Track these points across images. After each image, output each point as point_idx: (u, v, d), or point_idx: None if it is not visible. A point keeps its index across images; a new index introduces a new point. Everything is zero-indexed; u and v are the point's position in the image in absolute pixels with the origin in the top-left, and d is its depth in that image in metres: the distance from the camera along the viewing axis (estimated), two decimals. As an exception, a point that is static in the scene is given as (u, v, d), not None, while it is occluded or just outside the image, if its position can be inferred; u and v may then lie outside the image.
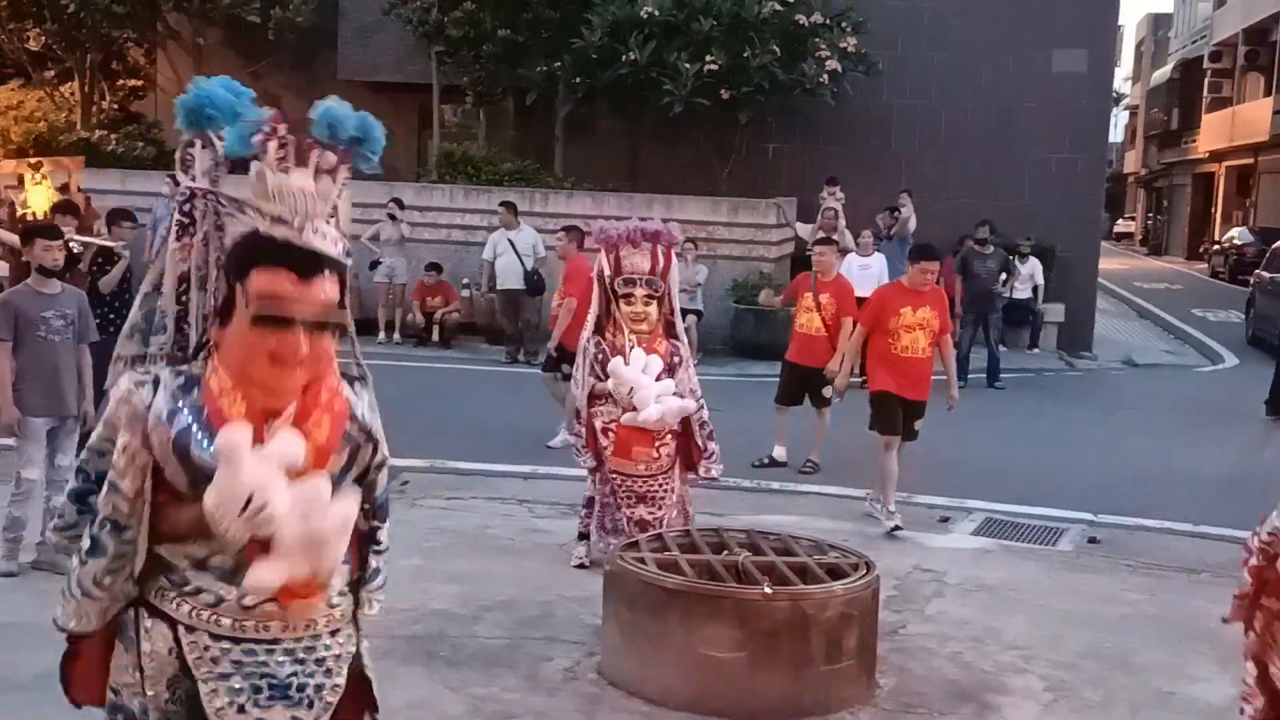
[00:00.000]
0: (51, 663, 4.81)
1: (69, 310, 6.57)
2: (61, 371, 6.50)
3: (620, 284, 6.46)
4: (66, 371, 6.53)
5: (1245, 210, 41.66)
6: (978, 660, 5.93)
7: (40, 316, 6.45)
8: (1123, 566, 7.65)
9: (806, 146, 18.55)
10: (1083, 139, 18.60)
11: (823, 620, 5.16)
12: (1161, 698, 5.61)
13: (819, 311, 9.79)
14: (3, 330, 6.38)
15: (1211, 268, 36.19)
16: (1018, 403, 13.88)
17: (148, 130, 19.95)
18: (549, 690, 5.33)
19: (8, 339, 6.37)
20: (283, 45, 20.45)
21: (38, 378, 6.44)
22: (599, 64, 16.64)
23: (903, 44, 18.28)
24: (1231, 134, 40.38)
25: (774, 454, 9.86)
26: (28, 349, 6.41)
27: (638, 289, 6.42)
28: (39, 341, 6.44)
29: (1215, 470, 10.68)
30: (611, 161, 18.64)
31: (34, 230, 6.79)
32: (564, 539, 7.45)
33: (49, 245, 6.50)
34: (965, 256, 15.12)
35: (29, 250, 6.57)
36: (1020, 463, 10.67)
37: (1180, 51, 50.83)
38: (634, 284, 6.42)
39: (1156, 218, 55.33)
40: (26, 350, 6.41)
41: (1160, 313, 24.65)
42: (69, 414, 6.57)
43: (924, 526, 8.37)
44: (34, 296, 6.51)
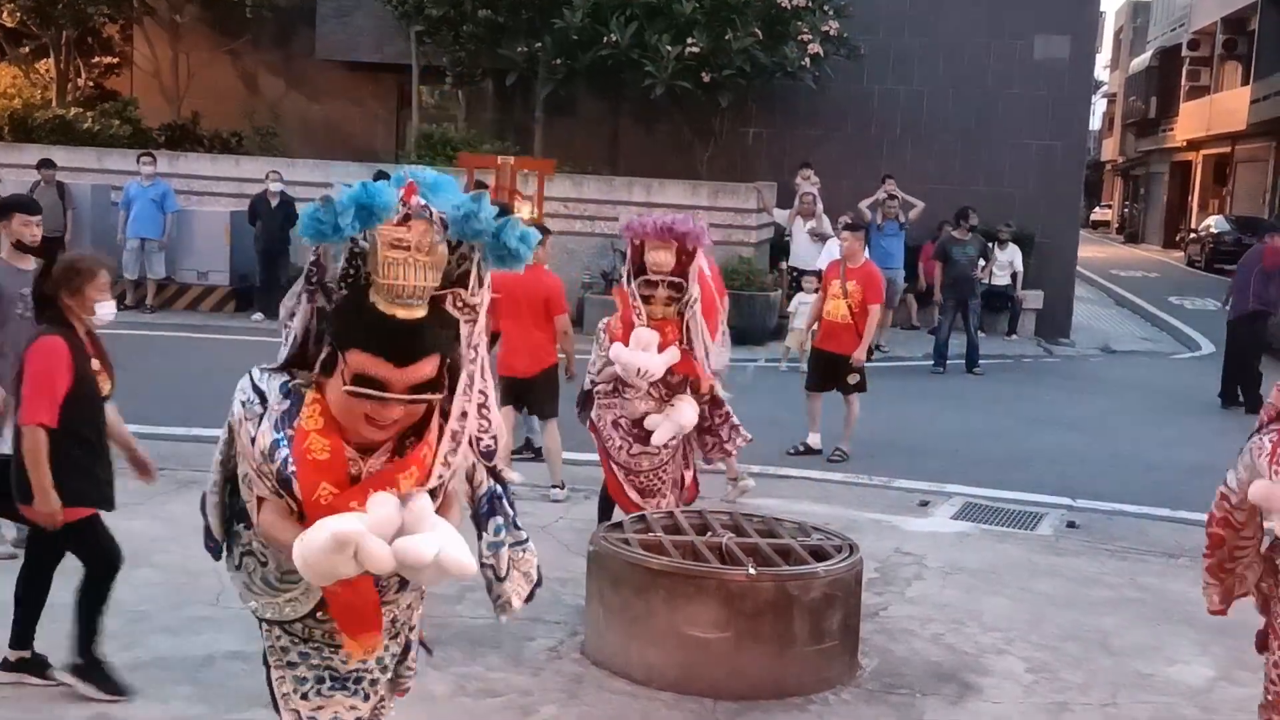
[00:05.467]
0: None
1: None
2: None
3: (642, 284, 6.18)
4: None
5: (1222, 199, 41.89)
6: (959, 642, 5.96)
7: (19, 293, 6.27)
8: (1101, 550, 7.70)
9: (787, 131, 18.55)
10: (1063, 126, 18.64)
11: (806, 601, 5.17)
12: (1141, 679, 5.64)
13: (845, 298, 9.75)
14: None
15: (1188, 256, 36.38)
16: (996, 389, 13.93)
17: (124, 108, 19.75)
18: (533, 670, 5.33)
19: None
20: (260, 23, 20.29)
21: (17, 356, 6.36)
22: (580, 45, 16.57)
23: (884, 28, 18.27)
24: (1209, 123, 40.55)
25: (808, 440, 9.88)
26: (8, 326, 6.26)
27: (659, 290, 6.16)
28: (16, 318, 6.27)
29: (1192, 455, 10.74)
30: (591, 144, 18.58)
31: (12, 204, 6.59)
32: (546, 521, 7.44)
33: (28, 220, 6.35)
34: (944, 243, 15.15)
35: (6, 225, 6.41)
36: (999, 448, 10.71)
37: (1159, 39, 50.97)
38: (656, 285, 6.16)
39: (1133, 206, 55.57)
40: (5, 327, 6.26)
41: (1138, 300, 24.77)
42: None
43: (904, 510, 8.39)
44: (13, 273, 6.35)
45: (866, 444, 9.82)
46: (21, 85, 20.97)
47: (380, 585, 2.99)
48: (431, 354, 2.77)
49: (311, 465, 2.81)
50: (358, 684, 3.12)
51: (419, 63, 18.81)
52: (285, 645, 3.09)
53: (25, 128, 18.59)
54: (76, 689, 4.84)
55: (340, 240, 2.76)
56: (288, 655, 3.08)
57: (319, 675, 3.08)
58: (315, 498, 2.80)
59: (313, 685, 3.08)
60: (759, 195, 16.53)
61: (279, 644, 3.09)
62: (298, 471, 2.81)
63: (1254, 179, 38.42)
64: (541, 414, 8.30)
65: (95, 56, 21.89)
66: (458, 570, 2.76)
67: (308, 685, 3.08)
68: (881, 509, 8.35)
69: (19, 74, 21.12)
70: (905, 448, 10.21)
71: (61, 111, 19.02)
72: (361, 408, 2.76)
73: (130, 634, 5.45)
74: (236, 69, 21.43)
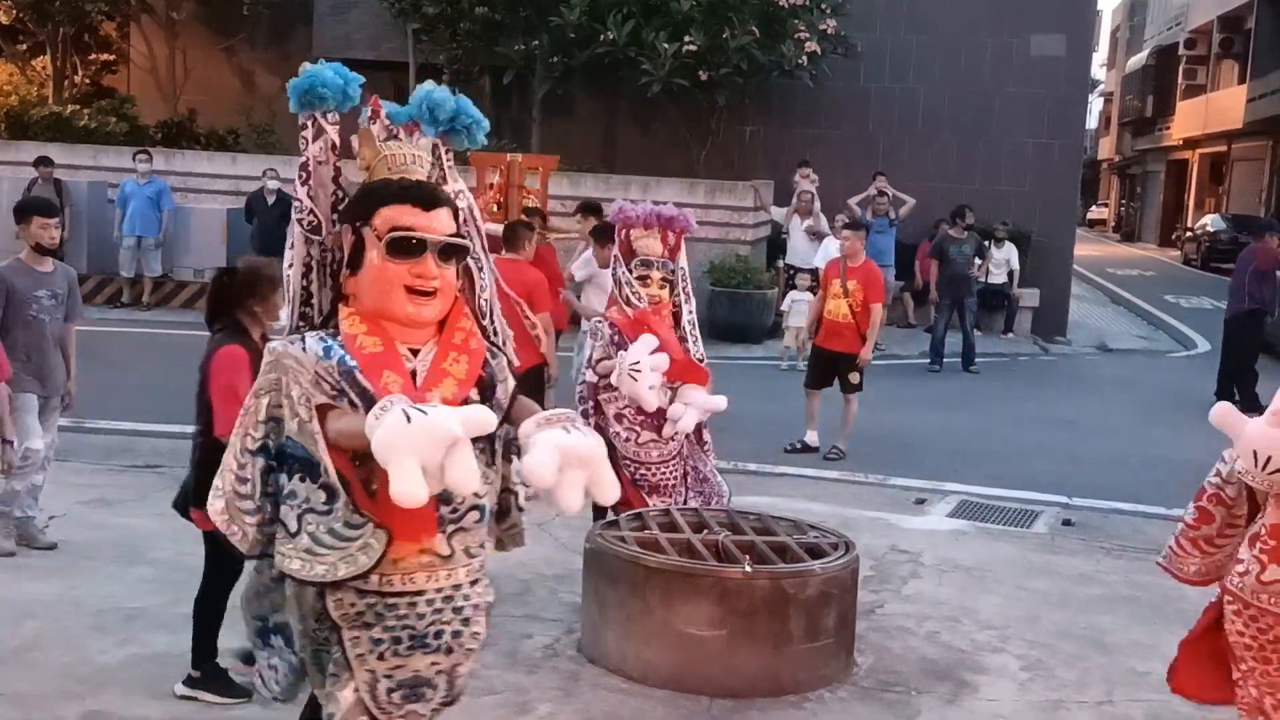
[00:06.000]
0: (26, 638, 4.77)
1: (60, 289, 6.45)
2: (50, 350, 6.41)
3: (637, 265, 6.36)
4: (55, 350, 6.44)
5: (1218, 197, 41.93)
6: (954, 639, 5.97)
7: (33, 295, 6.33)
8: (1097, 548, 7.70)
9: (783, 129, 18.55)
10: (1060, 124, 18.65)
11: (802, 599, 5.17)
12: (1136, 677, 5.65)
13: (846, 297, 9.77)
14: None
15: (1184, 255, 36.43)
16: (992, 387, 13.95)
17: (120, 105, 19.73)
18: (529, 667, 5.33)
19: None
20: (257, 20, 20.28)
21: (28, 354, 6.31)
22: (577, 43, 16.57)
23: (881, 27, 18.28)
24: (1205, 121, 40.59)
25: (806, 438, 9.89)
26: (20, 327, 6.28)
27: (653, 271, 6.35)
28: (30, 319, 6.32)
29: (1188, 454, 10.71)
30: (588, 142, 18.58)
31: (30, 207, 6.59)
32: (541, 518, 7.43)
33: (45, 223, 6.37)
34: (941, 241, 15.17)
35: (25, 228, 6.41)
36: (995, 446, 10.72)
37: (1155, 38, 51.00)
38: (650, 265, 6.35)
39: (1130, 204, 55.62)
40: (18, 328, 6.28)
41: (1134, 299, 24.79)
42: (55, 393, 6.49)
43: (900, 508, 8.40)
44: (28, 274, 6.37)
45: (863, 442, 9.83)
46: (18, 82, 20.95)
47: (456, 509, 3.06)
48: (447, 205, 3.10)
49: (369, 358, 2.94)
50: (438, 638, 3.07)
51: (416, 60, 18.79)
52: (361, 608, 3.01)
53: (21, 125, 18.58)
54: (201, 699, 4.80)
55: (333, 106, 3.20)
56: (363, 616, 3.01)
57: (396, 635, 3.02)
58: (383, 384, 2.90)
59: (389, 645, 3.02)
60: (756, 193, 16.53)
61: (352, 608, 3.01)
62: (360, 364, 2.93)
63: (1250, 178, 38.47)
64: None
65: (92, 54, 21.86)
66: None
67: (384, 645, 3.02)
68: (877, 507, 8.35)
69: (15, 71, 21.10)
70: (901, 446, 10.22)
71: (58, 109, 19.01)
72: (401, 276, 2.96)
73: (127, 631, 5.45)
74: (233, 66, 21.42)
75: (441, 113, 3.21)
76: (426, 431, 2.68)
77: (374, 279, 2.99)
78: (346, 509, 2.92)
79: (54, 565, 6.23)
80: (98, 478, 7.63)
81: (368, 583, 2.98)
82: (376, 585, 2.99)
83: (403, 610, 3.02)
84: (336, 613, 3.02)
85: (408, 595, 3.01)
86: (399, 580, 3.00)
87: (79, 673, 4.99)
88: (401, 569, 2.99)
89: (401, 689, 3.06)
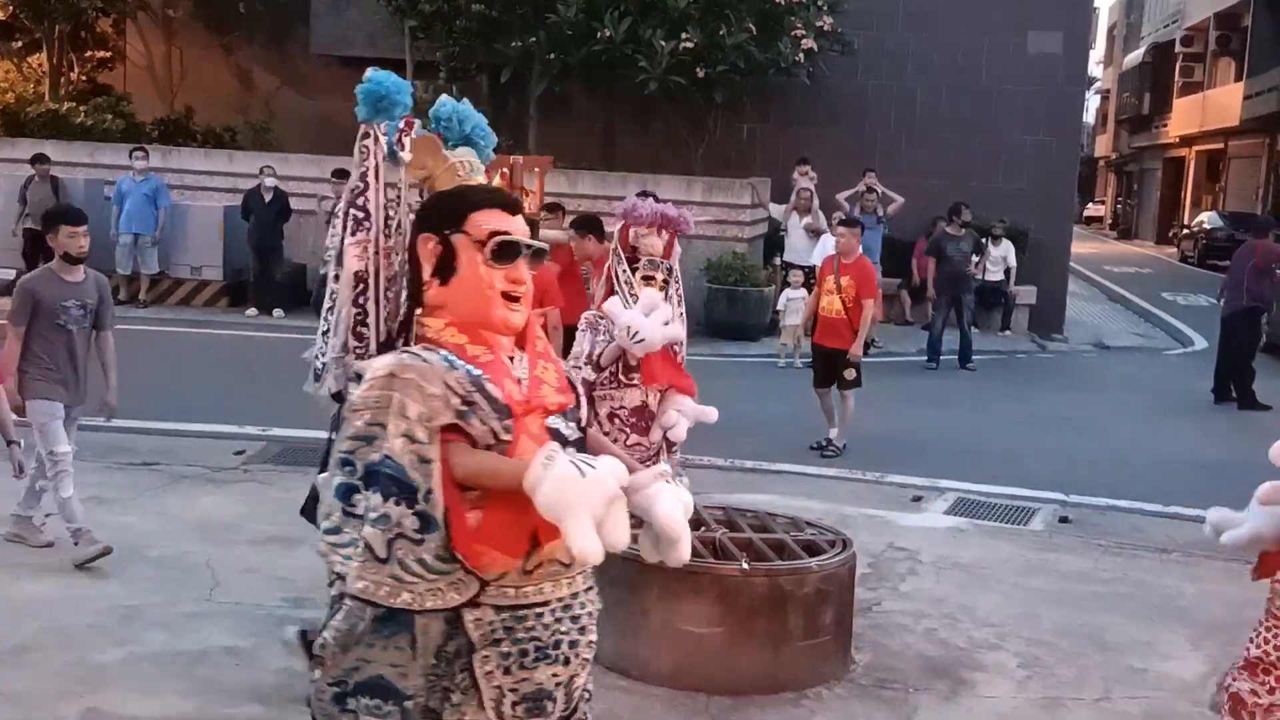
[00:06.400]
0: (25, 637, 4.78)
1: (89, 299, 6.36)
2: (77, 360, 6.32)
3: (645, 265, 6.34)
4: (82, 360, 6.35)
5: (1215, 195, 41.98)
6: (952, 637, 5.97)
7: (60, 305, 6.25)
8: (1094, 546, 7.71)
9: (781, 127, 18.55)
10: (1057, 121, 18.67)
11: (800, 596, 5.17)
12: (1134, 674, 5.66)
13: (839, 294, 9.81)
14: (19, 316, 6.17)
15: (1181, 252, 36.47)
16: (989, 384, 13.96)
17: (116, 102, 19.72)
18: (526, 665, 5.32)
19: (22, 324, 6.16)
20: (254, 18, 20.27)
21: (54, 365, 6.23)
22: (574, 41, 16.55)
23: (878, 24, 18.28)
24: (1202, 119, 40.62)
25: (830, 435, 9.90)
26: (45, 336, 6.20)
27: (659, 272, 6.34)
28: (57, 329, 6.24)
29: (1185, 451, 10.78)
30: (586, 140, 18.57)
31: (57, 216, 6.46)
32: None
33: (73, 231, 6.26)
34: (938, 239, 15.18)
35: (54, 238, 6.30)
36: (992, 443, 10.73)
37: (1152, 35, 51.03)
38: (655, 266, 6.34)
39: (1127, 202, 55.65)
40: (44, 337, 6.20)
41: (1131, 296, 24.81)
42: (79, 403, 6.42)
43: (897, 506, 8.40)
44: (56, 283, 6.28)
45: (860, 440, 9.84)
46: (14, 79, 20.94)
47: None
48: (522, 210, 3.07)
49: (485, 367, 2.85)
50: (557, 648, 2.96)
51: (413, 58, 18.76)
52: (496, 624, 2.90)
53: (18, 122, 18.57)
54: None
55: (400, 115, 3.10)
56: (496, 632, 2.91)
57: (523, 648, 2.92)
58: (507, 392, 2.83)
59: (516, 659, 2.92)
60: (753, 191, 16.53)
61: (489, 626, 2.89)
62: (483, 373, 2.82)
63: (1247, 175, 38.51)
64: None
65: (88, 51, 21.83)
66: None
67: (511, 659, 2.92)
68: (875, 504, 8.35)
69: (12, 68, 21.09)
70: (899, 443, 10.22)
71: (54, 106, 18.99)
72: (498, 281, 2.90)
73: (123, 629, 5.45)
74: (230, 64, 21.40)
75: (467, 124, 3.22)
76: (598, 487, 2.63)
77: (472, 286, 2.91)
78: (440, 541, 2.79)
79: (52, 564, 6.22)
80: (95, 476, 7.62)
81: (506, 597, 2.90)
82: (512, 599, 2.91)
83: (530, 622, 2.93)
84: (476, 633, 2.89)
85: (536, 606, 2.93)
86: (531, 591, 2.92)
87: (77, 672, 4.99)
88: (532, 579, 2.92)
89: (525, 702, 2.96)
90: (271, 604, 5.86)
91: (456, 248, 2.93)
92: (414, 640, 2.86)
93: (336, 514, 2.83)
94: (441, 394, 2.76)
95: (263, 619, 5.68)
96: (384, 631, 2.86)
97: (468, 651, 2.89)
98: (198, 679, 5.04)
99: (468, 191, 3.05)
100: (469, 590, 2.83)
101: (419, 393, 2.76)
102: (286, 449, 8.85)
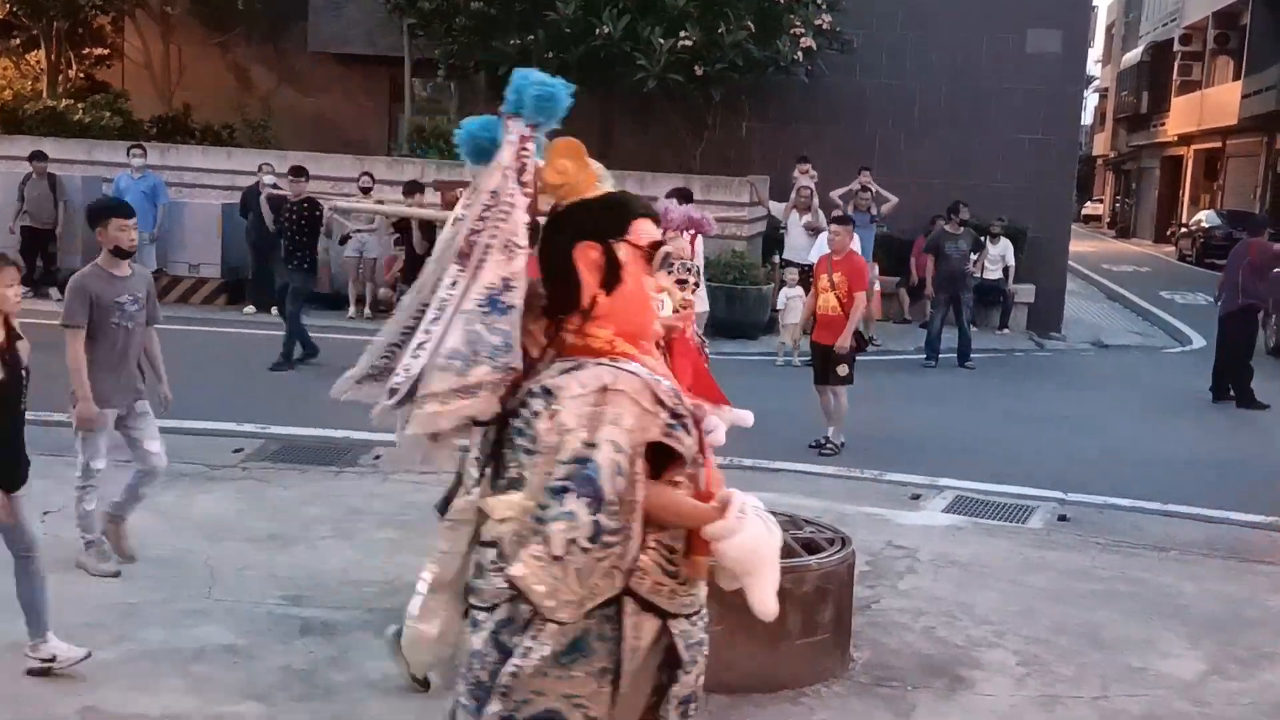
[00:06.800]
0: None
1: (139, 293, 6.11)
2: (131, 358, 6.11)
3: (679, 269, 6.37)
4: (135, 357, 6.15)
5: (1213, 193, 42.00)
6: (950, 635, 5.97)
7: (115, 302, 5.97)
8: (1093, 544, 7.70)
9: (779, 125, 18.54)
10: (1056, 120, 18.67)
11: (799, 594, 5.16)
12: (1132, 672, 5.66)
13: (834, 290, 9.84)
14: (78, 315, 5.88)
15: (1179, 251, 36.47)
16: (988, 382, 13.95)
17: (114, 100, 19.71)
18: (524, 663, 5.32)
19: (83, 325, 5.88)
20: (252, 15, 20.26)
21: (109, 366, 5.98)
22: (572, 38, 16.54)
23: (877, 22, 18.27)
24: (1200, 117, 40.63)
25: (828, 433, 9.90)
26: (101, 336, 5.94)
27: (691, 275, 6.38)
28: (112, 328, 5.97)
29: (1183, 449, 10.78)
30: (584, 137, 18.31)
31: (105, 209, 6.16)
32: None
33: (124, 224, 5.97)
34: (936, 237, 15.17)
35: (103, 232, 5.99)
36: (991, 442, 10.72)
37: (1150, 34, 51.04)
38: (688, 270, 6.38)
39: (1125, 200, 55.67)
40: (100, 338, 5.94)
41: (1129, 294, 24.82)
42: (137, 399, 6.20)
43: (896, 504, 8.40)
44: (108, 280, 6.00)
45: (858, 438, 9.83)
46: (12, 77, 20.92)
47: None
48: None
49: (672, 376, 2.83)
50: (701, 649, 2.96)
51: (411, 55, 18.77)
52: (690, 633, 2.90)
53: (16, 120, 18.54)
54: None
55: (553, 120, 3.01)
56: (688, 638, 2.90)
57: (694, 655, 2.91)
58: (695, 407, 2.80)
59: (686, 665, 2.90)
60: (752, 189, 16.52)
61: (686, 636, 2.87)
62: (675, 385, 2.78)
63: (1245, 174, 38.53)
64: None
65: (86, 48, 21.82)
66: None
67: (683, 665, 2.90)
68: (873, 502, 8.35)
69: (9, 65, 21.07)
70: (897, 441, 10.22)
71: (52, 103, 18.98)
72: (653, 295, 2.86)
73: (121, 627, 5.44)
74: (228, 61, 21.39)
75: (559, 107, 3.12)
76: (778, 545, 2.67)
77: (637, 296, 2.81)
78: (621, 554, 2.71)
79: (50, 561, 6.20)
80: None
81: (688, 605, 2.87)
82: (695, 606, 2.90)
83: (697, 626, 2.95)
84: (683, 643, 2.86)
85: (699, 612, 2.93)
86: (696, 598, 2.92)
87: (75, 669, 4.97)
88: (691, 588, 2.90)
89: (683, 705, 2.95)
90: (270, 602, 5.85)
91: (621, 256, 2.82)
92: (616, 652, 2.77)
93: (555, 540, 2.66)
94: (652, 409, 2.68)
95: (261, 617, 5.68)
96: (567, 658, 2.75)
97: (662, 665, 2.84)
98: (195, 676, 5.04)
99: (627, 199, 2.94)
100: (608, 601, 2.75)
101: (634, 407, 2.66)
102: (285, 447, 8.85)
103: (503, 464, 2.81)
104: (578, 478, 2.63)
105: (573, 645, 2.74)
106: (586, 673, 2.76)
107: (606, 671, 2.78)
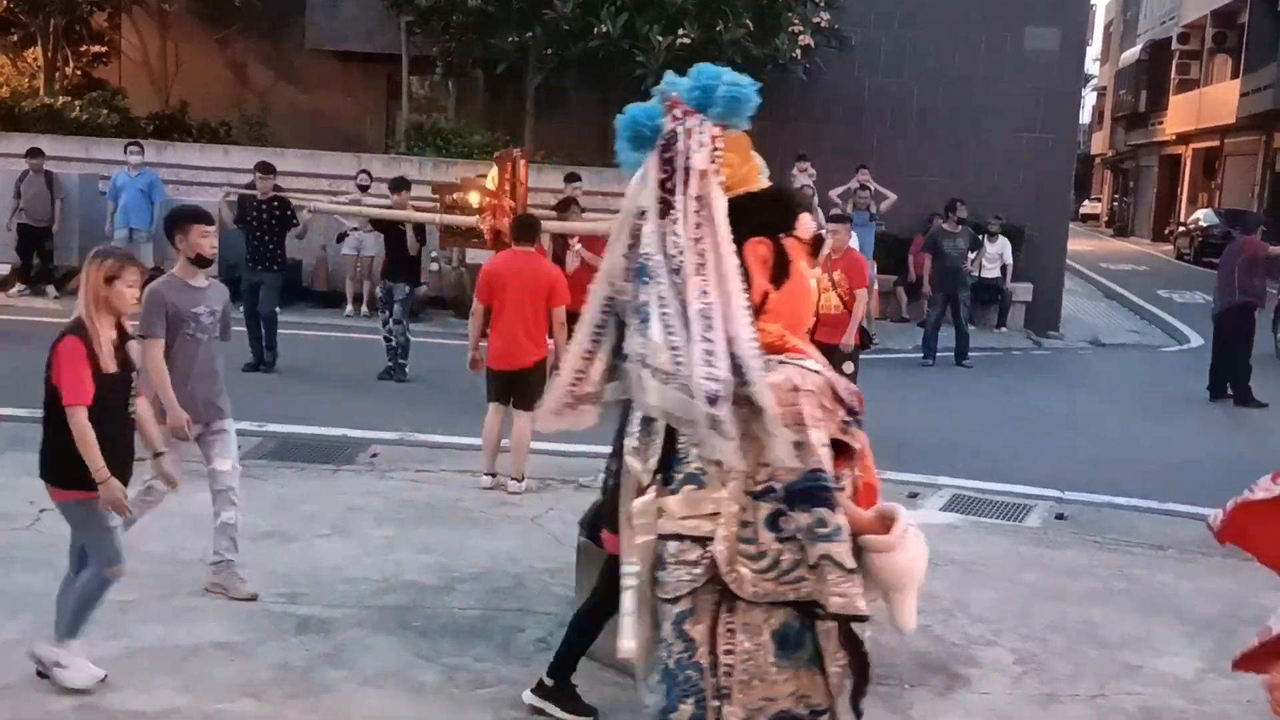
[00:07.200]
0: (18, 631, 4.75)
1: (216, 306, 5.82)
2: (208, 373, 5.79)
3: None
4: (209, 374, 5.81)
5: (1211, 192, 41.99)
6: (947, 633, 5.96)
7: (191, 313, 5.68)
8: (1090, 542, 7.71)
9: (777, 123, 18.43)
10: (1053, 119, 18.67)
11: (796, 592, 5.16)
12: (1129, 670, 5.65)
13: (835, 289, 9.85)
14: (157, 326, 5.60)
15: (1177, 249, 36.48)
16: (985, 381, 13.95)
17: (111, 97, 19.68)
18: (522, 660, 5.32)
19: (161, 335, 5.61)
20: (250, 12, 20.23)
21: (185, 380, 5.67)
22: (570, 36, 16.52)
23: (875, 20, 18.27)
24: (1198, 116, 40.64)
25: None
26: (176, 348, 5.67)
27: None
28: (188, 340, 5.69)
29: (1180, 448, 10.79)
30: (582, 135, 18.53)
31: (189, 215, 5.85)
32: (536, 512, 7.44)
33: (206, 231, 5.71)
34: (934, 236, 15.17)
35: (184, 238, 5.72)
36: (988, 440, 10.73)
37: (1149, 33, 51.02)
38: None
39: (1123, 199, 55.70)
40: (174, 350, 5.67)
41: (1127, 293, 24.82)
42: (216, 417, 5.86)
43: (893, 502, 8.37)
44: (185, 290, 5.71)
45: (856, 436, 9.82)
46: (9, 74, 20.88)
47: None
48: None
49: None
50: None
51: (409, 53, 18.75)
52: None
53: (13, 117, 18.51)
54: (548, 711, 4.78)
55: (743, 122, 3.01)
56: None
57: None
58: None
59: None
60: (749, 187, 16.51)
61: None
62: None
63: (1243, 172, 38.53)
64: (528, 404, 7.81)
65: (83, 45, 21.80)
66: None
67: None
68: (871, 501, 8.34)
69: (6, 62, 21.03)
70: (894, 440, 10.17)
71: (49, 100, 18.95)
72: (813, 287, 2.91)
73: (117, 624, 5.43)
74: (225, 59, 21.36)
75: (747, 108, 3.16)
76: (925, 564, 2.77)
77: (801, 289, 2.85)
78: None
79: (45, 558, 6.19)
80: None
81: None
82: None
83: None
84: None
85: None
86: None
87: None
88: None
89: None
90: (266, 599, 5.85)
91: (789, 251, 2.82)
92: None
93: (769, 544, 2.74)
94: (832, 406, 2.73)
95: (257, 614, 5.67)
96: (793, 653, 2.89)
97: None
98: (191, 673, 5.03)
99: (791, 193, 2.99)
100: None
101: (819, 405, 2.70)
102: (282, 445, 8.85)
103: (676, 459, 2.81)
104: (819, 487, 2.68)
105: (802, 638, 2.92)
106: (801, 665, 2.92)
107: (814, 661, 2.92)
